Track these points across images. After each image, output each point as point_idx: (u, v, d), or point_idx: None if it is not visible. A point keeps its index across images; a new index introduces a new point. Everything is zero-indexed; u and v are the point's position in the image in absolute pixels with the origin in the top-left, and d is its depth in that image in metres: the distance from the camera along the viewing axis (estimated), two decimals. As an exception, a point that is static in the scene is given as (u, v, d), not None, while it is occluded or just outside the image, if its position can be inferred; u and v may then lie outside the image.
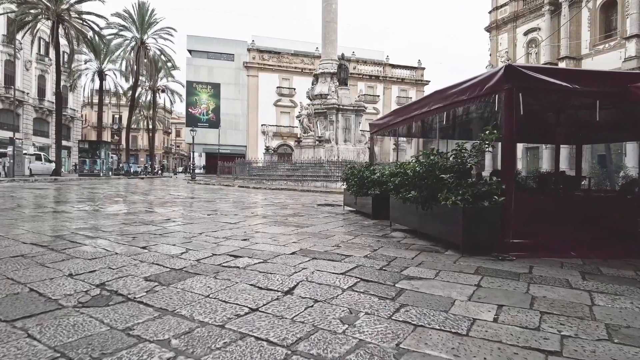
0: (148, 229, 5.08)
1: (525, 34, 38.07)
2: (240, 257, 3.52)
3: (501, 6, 40.62)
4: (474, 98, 4.49)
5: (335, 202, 10.24)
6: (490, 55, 42.12)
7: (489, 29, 42.32)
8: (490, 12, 42.01)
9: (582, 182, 7.80)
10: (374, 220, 6.41)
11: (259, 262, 3.33)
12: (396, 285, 2.79)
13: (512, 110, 3.95)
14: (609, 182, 8.93)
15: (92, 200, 9.26)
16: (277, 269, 3.11)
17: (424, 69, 49.47)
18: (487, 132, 4.07)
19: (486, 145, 3.99)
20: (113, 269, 3.05)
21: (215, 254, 3.62)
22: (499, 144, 4.62)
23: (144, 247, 3.86)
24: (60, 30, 21.75)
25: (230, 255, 3.56)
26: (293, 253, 3.72)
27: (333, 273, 3.03)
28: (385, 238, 4.72)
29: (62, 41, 24.17)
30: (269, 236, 4.68)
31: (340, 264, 3.34)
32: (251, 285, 2.69)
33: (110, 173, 29.39)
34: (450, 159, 4.20)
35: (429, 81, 49.46)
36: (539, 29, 36.48)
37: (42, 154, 28.43)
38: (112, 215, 6.46)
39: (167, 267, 3.14)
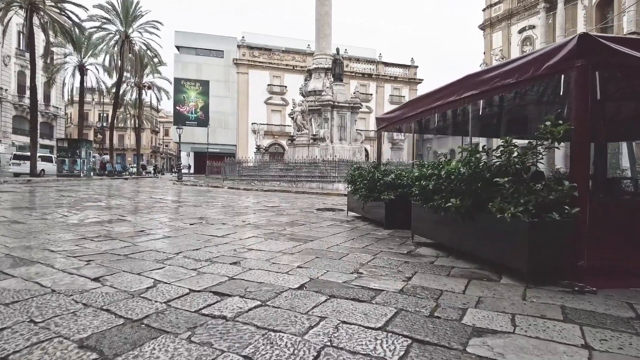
0: (112, 246, 4.03)
1: (520, 31, 37.64)
2: (228, 296, 2.51)
3: (495, 4, 40.13)
4: (526, 81, 3.56)
5: (336, 206, 9.26)
6: (484, 53, 41.64)
7: (482, 27, 41.79)
8: (484, 10, 41.51)
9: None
10: (387, 229, 5.45)
11: (255, 307, 2.32)
12: (467, 349, 1.82)
13: (586, 94, 3.02)
14: (632, 183, 8.08)
15: (58, 206, 8.12)
16: (282, 321, 2.11)
17: (417, 67, 48.82)
18: (548, 123, 3.13)
19: (551, 141, 3.04)
20: (36, 322, 2.03)
21: (194, 290, 2.61)
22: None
23: (96, 279, 2.82)
24: (36, 20, 20.32)
25: (215, 294, 2.55)
26: (301, 287, 2.72)
27: (367, 328, 2.04)
28: (413, 257, 3.76)
29: (42, 36, 22.71)
30: (266, 256, 3.68)
31: (372, 307, 2.35)
32: (245, 358, 1.69)
33: (92, 173, 27.92)
34: (502, 157, 3.25)
35: (422, 80, 48.85)
36: (534, 26, 36.08)
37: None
38: (74, 225, 5.38)
39: (120, 317, 2.12)
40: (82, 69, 31.98)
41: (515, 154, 3.27)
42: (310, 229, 5.55)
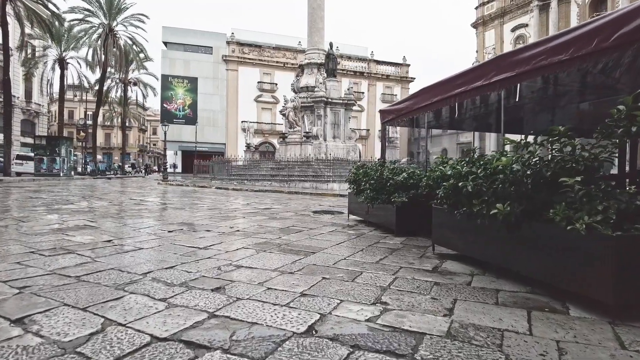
0: (66, 263, 3.20)
1: (513, 30, 37.42)
2: (207, 349, 1.73)
3: (488, 2, 39.83)
4: (585, 56, 2.84)
5: (333, 208, 8.50)
6: (476, 51, 41.34)
7: (475, 25, 41.51)
8: (476, 8, 41.21)
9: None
10: (399, 237, 4.71)
11: (245, 372, 1.54)
12: None
13: (679, 67, 2.32)
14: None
15: (21, 210, 7.20)
16: (289, 404, 1.34)
17: (409, 65, 48.38)
18: (622, 107, 2.41)
19: (636, 129, 2.32)
20: None
21: (158, 338, 1.82)
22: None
23: (19, 320, 2.01)
24: (10, 10, 19.08)
25: (187, 344, 1.76)
26: (309, 330, 1.95)
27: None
28: (443, 276, 3.01)
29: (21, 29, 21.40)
30: (258, 277, 2.90)
31: (420, 369, 1.59)
32: None
33: (72, 173, 26.64)
34: (564, 151, 2.53)
35: (414, 78, 48.42)
36: (527, 25, 35.87)
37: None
38: (27, 234, 4.51)
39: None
40: (62, 62, 30.54)
41: (579, 146, 2.56)
42: (310, 236, 4.78)
